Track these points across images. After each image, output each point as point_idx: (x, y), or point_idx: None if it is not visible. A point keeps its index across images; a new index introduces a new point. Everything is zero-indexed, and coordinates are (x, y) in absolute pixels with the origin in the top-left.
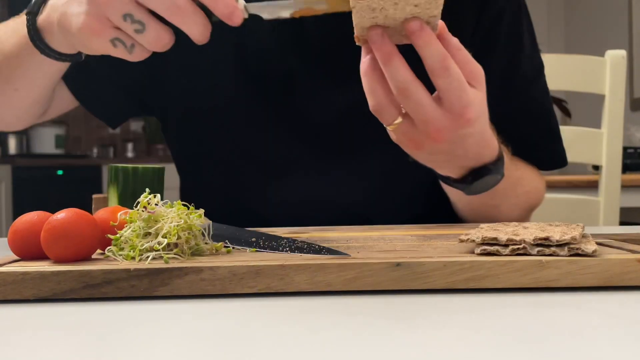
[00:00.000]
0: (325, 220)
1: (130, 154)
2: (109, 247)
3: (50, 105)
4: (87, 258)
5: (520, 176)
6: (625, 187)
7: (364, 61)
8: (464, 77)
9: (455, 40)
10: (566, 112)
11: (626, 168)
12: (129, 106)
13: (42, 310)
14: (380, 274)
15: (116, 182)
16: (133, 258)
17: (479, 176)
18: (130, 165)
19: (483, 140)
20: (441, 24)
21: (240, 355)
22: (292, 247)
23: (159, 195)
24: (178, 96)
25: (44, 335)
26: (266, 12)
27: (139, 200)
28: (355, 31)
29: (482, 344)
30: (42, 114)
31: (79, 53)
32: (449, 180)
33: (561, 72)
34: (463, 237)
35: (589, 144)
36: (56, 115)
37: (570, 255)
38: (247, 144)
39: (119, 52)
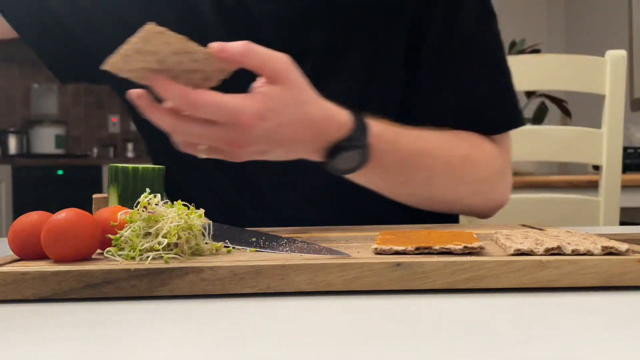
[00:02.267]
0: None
1: (130, 154)
2: (108, 249)
3: None
4: (87, 258)
5: (425, 147)
6: (625, 187)
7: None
8: (266, 76)
9: (238, 49)
10: (566, 112)
11: (626, 168)
12: (80, 60)
13: (42, 310)
14: (380, 274)
15: (116, 182)
16: (133, 258)
17: (334, 153)
18: (130, 165)
19: (311, 124)
20: (213, 46)
21: (240, 355)
22: (292, 247)
23: (159, 195)
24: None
25: (44, 335)
26: None
27: (139, 200)
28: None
29: (482, 344)
30: None
31: None
32: (323, 165)
33: (561, 72)
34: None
35: (589, 144)
36: None
37: (604, 255)
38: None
39: None
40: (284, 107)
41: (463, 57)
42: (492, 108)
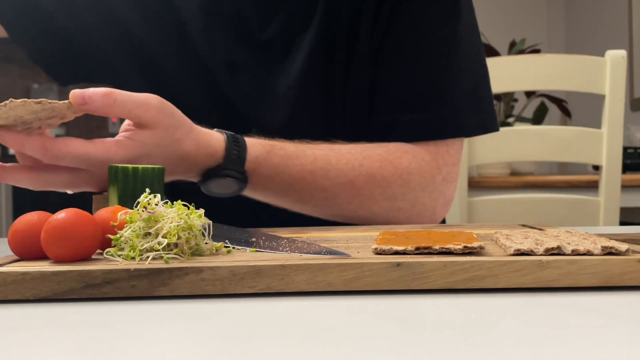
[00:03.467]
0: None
1: None
2: (108, 249)
3: None
4: (87, 258)
5: (322, 167)
6: (625, 187)
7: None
8: (134, 123)
9: (99, 102)
10: (566, 112)
11: (626, 168)
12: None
13: (42, 310)
14: (380, 274)
15: (116, 182)
16: (133, 258)
17: (206, 180)
18: (130, 165)
19: (183, 156)
20: (74, 96)
21: (240, 355)
22: (292, 247)
23: (159, 195)
24: None
25: (44, 335)
26: None
27: (139, 200)
28: None
29: (482, 344)
30: None
31: None
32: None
33: (561, 72)
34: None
35: (589, 144)
36: None
37: (604, 255)
38: None
39: None
40: (154, 149)
41: (408, 50)
42: (425, 112)
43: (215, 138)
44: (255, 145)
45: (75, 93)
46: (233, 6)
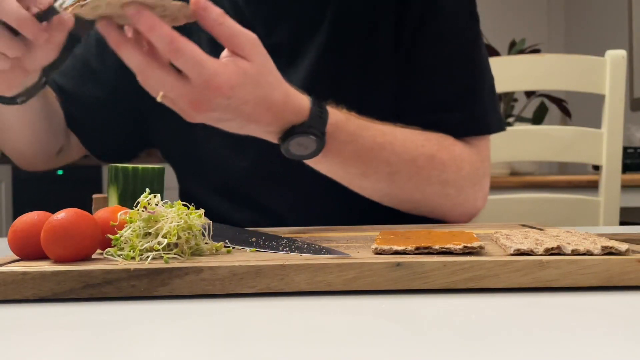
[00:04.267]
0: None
1: None
2: (108, 249)
3: (69, 146)
4: (87, 258)
5: (388, 142)
6: (625, 187)
7: (110, 41)
8: (230, 48)
9: (215, 14)
10: (566, 112)
11: (626, 168)
12: (133, 142)
13: (42, 310)
14: (380, 274)
15: (116, 182)
16: (133, 258)
17: (289, 137)
18: (130, 165)
19: (272, 105)
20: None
21: (240, 355)
22: (292, 247)
23: (159, 195)
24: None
25: (44, 335)
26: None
27: (139, 200)
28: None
29: (482, 344)
30: (60, 153)
31: (20, 94)
32: (280, 147)
33: (561, 72)
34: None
35: (589, 144)
36: (80, 155)
37: (604, 255)
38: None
39: None
40: (251, 83)
41: (439, 52)
42: (461, 110)
43: (302, 96)
44: (334, 110)
45: None
46: (238, 16)
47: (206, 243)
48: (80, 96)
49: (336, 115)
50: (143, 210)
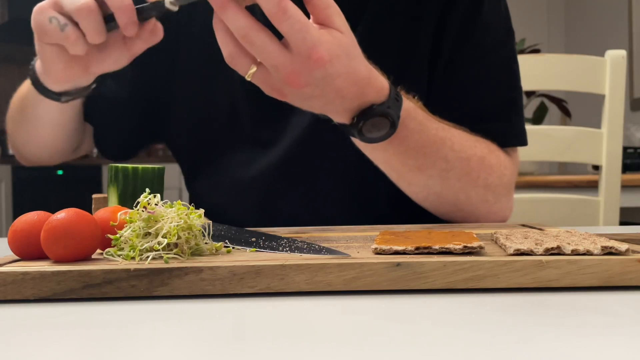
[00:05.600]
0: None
1: None
2: (108, 249)
3: (83, 142)
4: (87, 258)
5: (450, 138)
6: (625, 187)
7: (214, 17)
8: (320, 19)
9: None
10: (566, 112)
11: (626, 168)
12: (140, 138)
13: (42, 310)
14: (380, 274)
15: (116, 182)
16: (133, 258)
17: (366, 117)
18: (130, 165)
19: (358, 80)
20: None
21: (241, 355)
22: (292, 247)
23: (159, 195)
24: (186, 127)
25: (44, 335)
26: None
27: (139, 200)
28: None
29: (482, 344)
30: (76, 150)
31: (67, 92)
32: (346, 128)
33: (561, 72)
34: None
35: (589, 144)
36: (89, 151)
37: (604, 254)
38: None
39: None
40: (345, 57)
41: (482, 64)
42: (504, 119)
43: (381, 75)
44: (405, 97)
45: None
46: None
47: (206, 243)
48: (100, 90)
49: (407, 102)
50: (143, 210)
